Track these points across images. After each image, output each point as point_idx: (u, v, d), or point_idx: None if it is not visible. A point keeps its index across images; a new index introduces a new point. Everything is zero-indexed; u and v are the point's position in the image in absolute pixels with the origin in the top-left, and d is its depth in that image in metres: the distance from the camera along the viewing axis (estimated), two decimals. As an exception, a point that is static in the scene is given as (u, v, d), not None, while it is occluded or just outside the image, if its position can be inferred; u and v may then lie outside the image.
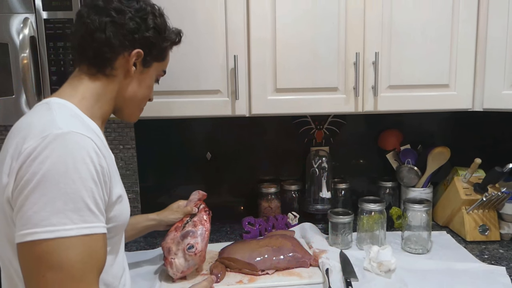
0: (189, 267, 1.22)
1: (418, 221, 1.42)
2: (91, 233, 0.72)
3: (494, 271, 1.25)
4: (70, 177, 0.70)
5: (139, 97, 0.97)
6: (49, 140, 0.71)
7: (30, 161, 0.70)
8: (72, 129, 0.74)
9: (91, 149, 0.75)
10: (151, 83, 1.00)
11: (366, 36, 1.37)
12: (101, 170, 0.76)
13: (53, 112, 0.78)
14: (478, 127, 1.79)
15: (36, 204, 0.69)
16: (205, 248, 1.23)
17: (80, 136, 0.74)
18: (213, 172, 1.77)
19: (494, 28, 1.36)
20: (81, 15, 0.89)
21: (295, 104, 1.39)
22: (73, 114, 0.82)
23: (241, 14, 1.33)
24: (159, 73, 1.03)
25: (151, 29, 0.92)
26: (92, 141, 0.76)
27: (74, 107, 0.84)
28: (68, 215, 0.70)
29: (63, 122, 0.76)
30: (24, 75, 1.17)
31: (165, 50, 1.00)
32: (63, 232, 0.69)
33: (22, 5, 1.19)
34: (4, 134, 1.66)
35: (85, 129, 0.78)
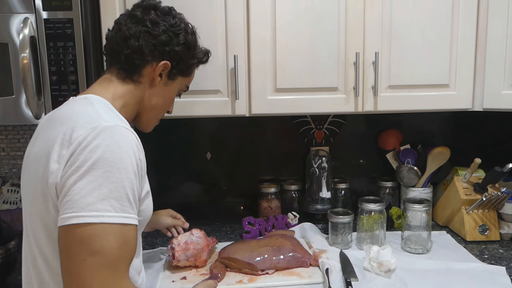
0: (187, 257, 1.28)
1: (418, 221, 1.42)
2: (128, 223, 0.75)
3: (494, 271, 1.25)
4: (117, 167, 0.74)
5: (159, 107, 1.03)
6: (99, 131, 0.75)
7: (81, 150, 0.74)
8: (118, 123, 0.79)
9: (134, 143, 0.79)
10: (172, 96, 1.06)
11: (366, 36, 1.37)
12: (140, 164, 0.80)
13: (95, 106, 0.83)
14: (478, 127, 1.79)
15: (83, 189, 0.72)
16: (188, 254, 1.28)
17: (124, 130, 0.79)
18: (213, 172, 1.77)
19: (494, 28, 1.37)
20: (119, 22, 0.96)
21: (295, 104, 1.39)
22: (113, 111, 0.87)
23: (241, 14, 1.33)
24: (182, 88, 1.08)
25: (181, 44, 0.98)
26: (134, 135, 0.81)
27: (110, 105, 0.88)
28: (111, 203, 0.73)
29: (108, 116, 0.81)
30: (24, 75, 1.17)
31: (192, 67, 1.06)
32: (106, 218, 0.72)
33: (22, 5, 1.19)
34: (4, 134, 1.66)
35: (126, 124, 0.83)
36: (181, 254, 1.27)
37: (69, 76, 1.22)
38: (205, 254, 1.31)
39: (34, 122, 1.23)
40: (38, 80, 1.22)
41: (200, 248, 1.29)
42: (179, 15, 1.01)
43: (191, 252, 1.28)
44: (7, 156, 1.67)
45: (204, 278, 1.25)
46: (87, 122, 0.78)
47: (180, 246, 1.28)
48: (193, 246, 1.28)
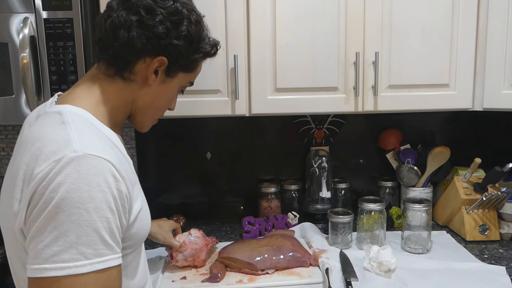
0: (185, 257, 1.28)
1: (418, 221, 1.42)
2: (105, 267, 0.66)
3: (494, 271, 1.25)
4: (84, 207, 0.64)
5: (156, 107, 0.90)
6: (63, 165, 0.65)
7: (42, 188, 0.64)
8: (87, 151, 0.67)
9: (109, 174, 0.68)
10: (172, 94, 0.91)
11: (366, 36, 1.37)
12: (119, 195, 0.69)
13: (67, 128, 0.70)
14: (478, 126, 1.79)
15: (47, 237, 0.63)
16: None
17: (96, 159, 0.67)
18: (213, 172, 1.77)
19: (494, 28, 1.36)
20: (111, 7, 0.81)
21: (295, 104, 1.39)
22: (89, 127, 0.74)
23: (241, 14, 1.33)
24: (185, 84, 0.92)
25: (182, 37, 0.82)
26: (110, 163, 0.68)
27: (90, 116, 0.76)
28: (80, 250, 0.64)
29: (78, 141, 0.68)
30: (24, 74, 1.17)
31: (195, 62, 0.89)
32: (74, 269, 0.63)
33: (22, 5, 1.19)
34: (4, 134, 1.66)
35: (103, 148, 0.70)
36: (179, 254, 1.27)
37: (69, 76, 1.22)
38: (204, 254, 1.30)
39: (34, 122, 1.23)
40: (38, 80, 1.22)
41: (198, 248, 1.29)
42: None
43: (189, 252, 1.27)
44: (7, 156, 1.67)
45: (204, 278, 1.25)
46: (52, 153, 0.66)
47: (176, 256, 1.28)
48: (191, 246, 1.28)
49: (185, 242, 1.28)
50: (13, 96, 1.22)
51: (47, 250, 0.63)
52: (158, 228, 1.27)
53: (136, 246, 0.81)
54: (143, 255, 0.89)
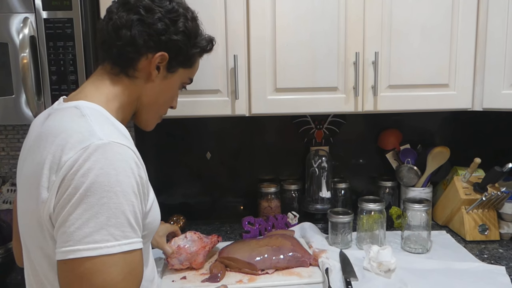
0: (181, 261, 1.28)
1: (417, 221, 1.42)
2: (131, 249, 0.69)
3: (493, 271, 1.26)
4: (113, 191, 0.68)
5: (159, 104, 0.94)
6: (90, 152, 0.68)
7: (72, 175, 0.67)
8: (112, 139, 0.71)
9: (132, 160, 0.72)
10: (174, 90, 0.95)
11: (365, 36, 1.37)
12: (141, 181, 0.73)
13: (88, 120, 0.74)
14: (478, 126, 1.79)
15: (78, 220, 0.66)
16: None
17: (121, 146, 0.71)
18: (213, 172, 1.77)
19: (494, 27, 1.37)
20: (111, 11, 0.86)
21: (295, 104, 1.39)
22: (107, 120, 0.78)
23: (241, 14, 1.33)
24: (185, 81, 0.96)
25: (180, 33, 0.87)
26: (132, 151, 0.73)
27: (105, 112, 0.80)
28: (110, 231, 0.67)
29: (102, 131, 0.72)
30: (24, 74, 1.17)
31: (194, 57, 0.94)
32: (105, 249, 0.66)
33: (22, 5, 1.19)
34: (4, 133, 1.66)
35: (123, 138, 0.74)
36: (174, 259, 1.27)
37: (69, 76, 1.22)
38: (201, 257, 1.30)
39: (34, 122, 1.23)
40: (38, 80, 1.22)
41: (194, 251, 1.28)
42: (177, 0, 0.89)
43: (184, 256, 1.27)
44: (7, 156, 1.67)
45: (204, 278, 1.25)
46: (78, 142, 0.70)
47: (173, 251, 1.27)
48: (186, 250, 1.27)
49: (179, 247, 1.27)
50: (13, 96, 1.22)
51: (79, 232, 0.66)
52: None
53: (148, 237, 0.83)
54: (151, 249, 0.93)
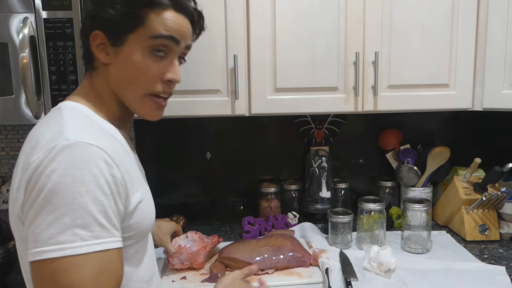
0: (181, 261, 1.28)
1: (418, 221, 1.42)
2: (103, 249, 0.68)
3: (493, 271, 1.26)
4: (77, 191, 0.67)
5: (131, 81, 0.82)
6: (56, 152, 0.68)
7: (37, 175, 0.67)
8: (79, 139, 0.69)
9: (100, 159, 0.70)
10: (139, 59, 0.80)
11: (366, 35, 1.37)
12: (113, 181, 0.71)
13: (63, 120, 0.74)
14: (478, 126, 1.79)
15: (44, 221, 0.66)
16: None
17: (88, 146, 0.70)
18: (213, 172, 1.77)
19: (494, 27, 1.36)
20: None
21: (295, 104, 1.39)
22: (85, 119, 0.78)
23: (241, 14, 1.33)
24: (147, 43, 0.80)
25: (94, 3, 0.81)
26: (102, 150, 0.71)
27: (87, 110, 0.80)
28: (76, 232, 0.66)
29: (72, 131, 0.71)
30: (23, 74, 1.17)
31: (134, 16, 0.79)
32: (71, 250, 0.66)
33: (21, 5, 1.19)
34: (4, 133, 1.66)
35: (96, 136, 0.73)
36: (174, 259, 1.27)
37: (68, 76, 1.22)
38: (202, 257, 1.29)
39: (34, 122, 1.23)
40: (38, 80, 1.22)
41: (195, 251, 1.28)
42: None
43: (185, 256, 1.27)
44: (6, 156, 1.67)
45: (204, 278, 1.25)
46: (46, 142, 0.70)
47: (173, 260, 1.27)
48: (187, 250, 1.27)
49: (180, 246, 1.27)
50: (12, 96, 1.21)
51: (45, 233, 0.66)
52: (156, 229, 1.26)
53: (138, 237, 0.82)
54: (149, 248, 0.91)
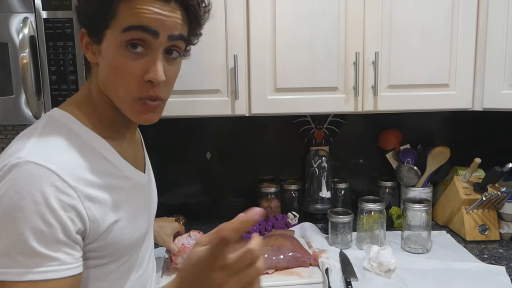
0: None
1: (418, 221, 1.42)
2: (43, 279, 0.62)
3: (493, 271, 1.26)
4: (13, 216, 0.61)
5: (112, 82, 0.72)
6: (4, 171, 0.63)
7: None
8: (30, 159, 0.63)
9: (47, 184, 0.63)
10: (114, 57, 0.70)
11: (366, 35, 1.37)
12: (62, 206, 0.63)
13: (33, 134, 0.69)
14: (478, 126, 1.79)
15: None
16: None
17: (36, 167, 0.63)
18: (213, 172, 1.77)
19: (494, 28, 1.36)
20: None
21: (295, 104, 1.39)
22: (61, 132, 0.71)
23: (241, 14, 1.33)
24: (123, 38, 0.69)
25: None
26: (53, 173, 0.64)
27: (71, 119, 0.73)
28: (14, 258, 0.61)
29: (30, 149, 0.66)
30: (23, 74, 1.17)
31: (104, 8, 0.69)
32: (8, 275, 0.60)
33: (21, 5, 1.19)
34: (4, 133, 1.66)
35: (56, 156, 0.66)
36: (178, 257, 1.27)
37: (68, 76, 1.22)
38: None
39: (33, 122, 1.22)
40: (38, 80, 1.22)
41: None
42: None
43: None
44: (6, 156, 1.67)
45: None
46: (4, 158, 0.66)
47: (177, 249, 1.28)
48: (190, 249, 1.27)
49: (184, 245, 1.27)
50: (13, 96, 1.21)
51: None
52: (159, 230, 1.25)
53: (115, 256, 0.75)
54: (143, 265, 0.85)
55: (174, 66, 0.75)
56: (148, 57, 0.70)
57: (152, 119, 0.75)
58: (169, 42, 0.71)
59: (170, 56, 0.74)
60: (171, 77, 0.75)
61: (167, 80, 0.73)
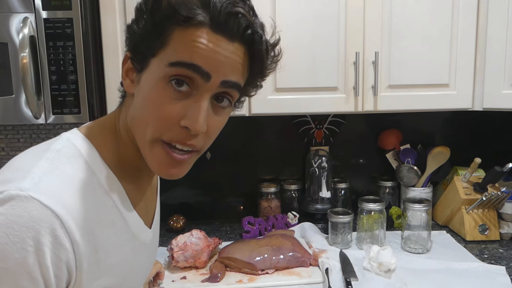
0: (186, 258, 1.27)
1: (418, 221, 1.42)
2: None
3: (493, 271, 1.25)
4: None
5: (140, 118, 0.60)
6: (1, 201, 0.51)
7: None
8: (33, 194, 0.51)
9: (46, 230, 0.51)
10: (152, 90, 0.58)
11: (366, 35, 1.37)
12: (55, 263, 0.52)
13: (43, 158, 0.57)
14: (478, 126, 1.79)
15: None
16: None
17: (38, 206, 0.51)
18: (213, 172, 1.77)
19: (494, 28, 1.36)
20: None
21: (295, 104, 1.39)
22: (74, 163, 0.59)
23: (241, 14, 1.33)
24: (168, 72, 0.57)
25: (134, 14, 0.60)
26: (57, 218, 0.51)
27: (92, 152, 0.61)
28: None
29: (35, 178, 0.53)
30: (23, 74, 1.17)
31: (155, 34, 0.57)
32: None
33: (21, 5, 1.19)
34: (4, 133, 1.66)
35: (64, 194, 0.54)
36: (179, 255, 1.27)
37: (68, 76, 1.22)
38: (205, 255, 1.30)
39: (33, 122, 1.23)
40: (38, 80, 1.22)
41: (200, 249, 1.29)
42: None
43: (190, 253, 1.27)
44: (6, 156, 1.67)
45: (204, 278, 1.25)
46: (3, 180, 0.53)
47: (179, 247, 1.28)
48: (192, 247, 1.28)
49: (186, 243, 1.28)
50: (12, 96, 1.21)
51: None
52: None
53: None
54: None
55: (221, 117, 0.62)
56: (192, 99, 0.58)
57: (177, 175, 0.64)
58: (221, 88, 0.59)
59: (219, 104, 0.61)
60: (214, 128, 0.62)
61: (209, 131, 0.60)
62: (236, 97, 0.63)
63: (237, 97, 0.63)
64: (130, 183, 0.66)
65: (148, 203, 0.74)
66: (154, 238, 0.78)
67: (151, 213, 0.76)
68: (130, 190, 0.66)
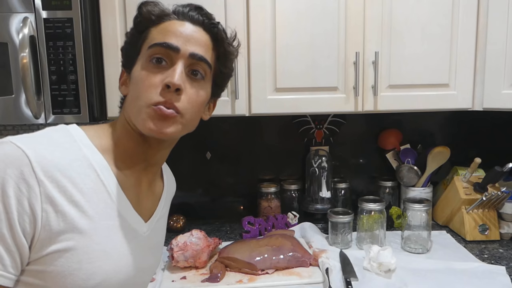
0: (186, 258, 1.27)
1: (418, 221, 1.42)
2: None
3: (493, 271, 1.25)
4: None
5: (133, 97, 0.71)
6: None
7: None
8: (14, 140, 0.61)
9: (15, 166, 0.59)
10: (139, 72, 0.71)
11: (366, 35, 1.37)
12: (18, 197, 0.58)
13: (39, 131, 0.67)
14: (478, 126, 1.79)
15: None
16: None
17: (14, 148, 0.60)
18: (213, 172, 1.77)
19: (494, 28, 1.36)
20: None
21: (295, 104, 1.39)
22: (64, 138, 0.67)
23: (241, 14, 1.33)
24: (148, 53, 0.71)
25: (125, 39, 0.78)
26: (27, 158, 0.59)
27: (81, 134, 0.70)
28: None
29: (25, 136, 0.64)
30: (23, 74, 1.17)
31: (139, 34, 0.74)
32: None
33: (21, 5, 1.19)
34: (4, 133, 1.66)
35: (43, 147, 0.62)
36: (179, 255, 1.27)
37: (68, 76, 1.22)
38: (205, 255, 1.30)
39: (33, 122, 1.23)
40: (38, 80, 1.22)
41: (200, 249, 1.29)
42: None
43: (190, 253, 1.27)
44: (6, 156, 1.67)
45: (204, 278, 1.25)
46: None
47: (179, 246, 1.28)
48: (192, 247, 1.28)
49: (186, 243, 1.28)
50: (12, 96, 1.21)
51: None
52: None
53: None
54: None
55: (197, 89, 0.72)
56: (170, 69, 0.70)
57: (164, 130, 0.68)
58: (190, 60, 0.71)
59: (195, 77, 0.72)
60: (192, 96, 0.71)
61: (188, 97, 0.70)
62: (208, 73, 0.75)
63: (209, 73, 0.74)
64: (120, 169, 0.72)
65: (144, 197, 0.78)
66: (154, 236, 0.81)
67: (148, 209, 0.80)
68: (119, 175, 0.71)
